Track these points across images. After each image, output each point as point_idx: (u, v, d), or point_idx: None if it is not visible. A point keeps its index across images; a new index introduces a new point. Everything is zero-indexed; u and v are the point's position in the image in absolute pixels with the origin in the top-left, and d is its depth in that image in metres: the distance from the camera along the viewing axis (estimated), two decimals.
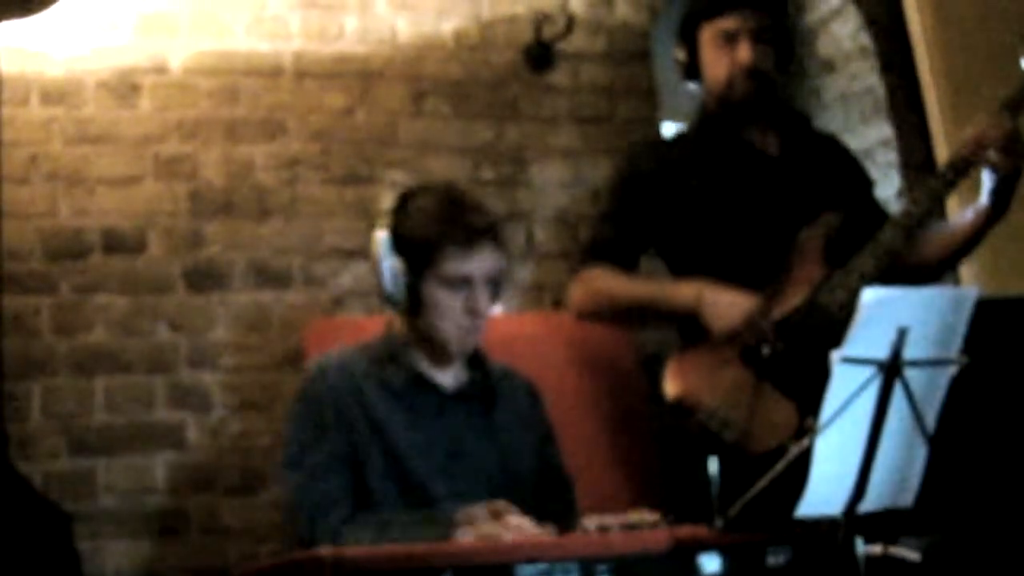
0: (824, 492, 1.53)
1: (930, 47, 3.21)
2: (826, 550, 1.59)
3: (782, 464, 1.55)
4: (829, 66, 3.51)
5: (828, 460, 1.52)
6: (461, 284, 2.00)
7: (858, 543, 1.59)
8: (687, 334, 2.36)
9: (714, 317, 2.28)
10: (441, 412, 2.05)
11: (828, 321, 2.23)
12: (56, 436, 2.65)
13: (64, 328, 2.71)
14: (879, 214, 2.53)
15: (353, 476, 1.96)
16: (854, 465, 1.54)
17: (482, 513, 1.81)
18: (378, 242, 2.02)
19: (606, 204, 2.59)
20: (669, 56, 2.64)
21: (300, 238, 2.91)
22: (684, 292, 2.35)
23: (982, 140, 2.23)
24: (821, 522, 1.56)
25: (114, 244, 2.78)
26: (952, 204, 2.91)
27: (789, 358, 2.23)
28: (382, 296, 2.04)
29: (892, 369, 1.52)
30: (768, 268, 2.33)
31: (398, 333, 2.09)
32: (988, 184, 2.30)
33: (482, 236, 2.01)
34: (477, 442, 2.06)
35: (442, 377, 2.08)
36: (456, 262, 1.99)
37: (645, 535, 1.69)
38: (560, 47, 3.18)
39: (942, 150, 3.15)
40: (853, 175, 2.58)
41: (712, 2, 2.45)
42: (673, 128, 2.79)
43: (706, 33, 2.46)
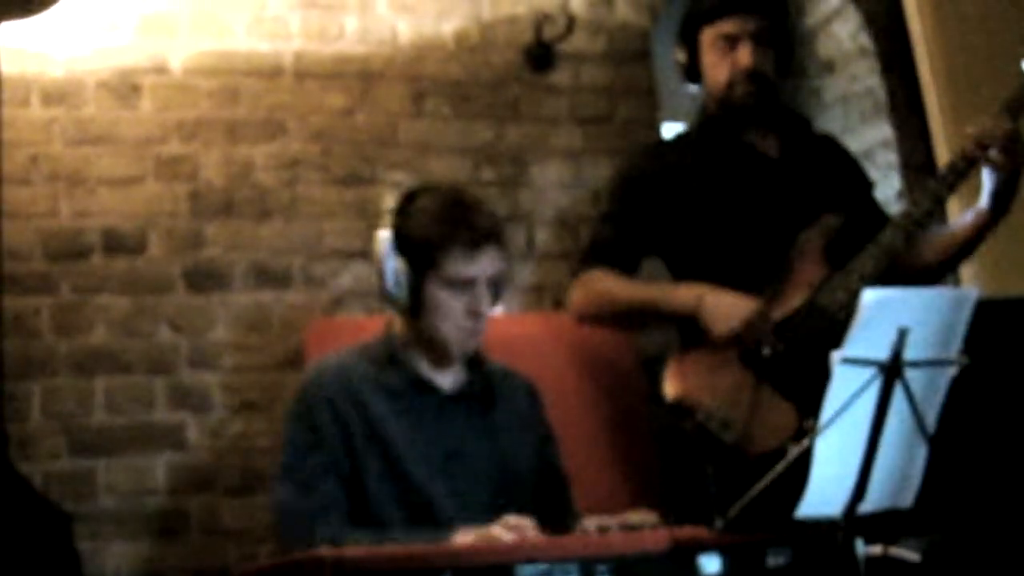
0: (824, 493, 1.53)
1: (930, 47, 3.21)
2: (826, 551, 1.59)
3: (782, 465, 1.55)
4: (829, 67, 3.51)
5: (828, 461, 1.52)
6: (464, 286, 1.99)
7: (858, 544, 1.59)
8: (687, 335, 2.36)
9: (714, 320, 2.27)
10: (440, 414, 2.04)
11: (828, 322, 2.23)
12: (56, 436, 2.65)
13: (64, 328, 2.71)
14: (879, 215, 2.53)
15: (350, 482, 1.95)
16: (854, 466, 1.54)
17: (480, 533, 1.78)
18: (381, 242, 2.02)
19: (606, 206, 2.59)
20: (669, 57, 2.64)
21: (300, 238, 2.90)
22: (684, 295, 2.35)
23: (983, 141, 2.24)
24: (821, 523, 1.56)
25: (115, 244, 2.78)
26: (953, 206, 2.91)
27: (789, 359, 2.23)
28: (384, 296, 2.03)
29: (892, 370, 1.52)
30: (768, 270, 2.33)
31: (398, 334, 2.09)
32: (988, 186, 2.30)
33: (487, 239, 2.00)
34: (476, 443, 2.05)
35: (441, 379, 2.08)
36: (460, 264, 1.98)
37: (645, 536, 1.69)
38: (560, 48, 3.18)
39: (942, 151, 3.15)
40: (853, 176, 2.59)
41: (713, 5, 2.45)
42: (673, 129, 2.78)
43: (707, 36, 2.46)
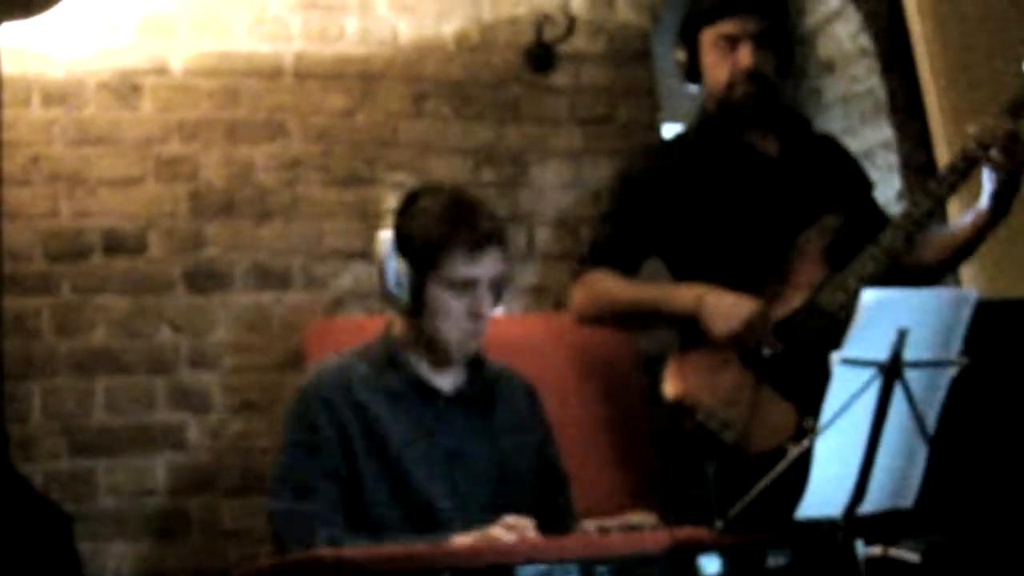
0: (824, 493, 1.53)
1: (930, 48, 3.21)
2: (826, 552, 1.59)
3: (782, 465, 1.55)
4: (829, 67, 3.51)
5: (828, 461, 1.52)
6: (465, 287, 1.99)
7: (858, 545, 1.58)
8: (687, 335, 2.36)
9: (714, 321, 2.28)
10: (440, 415, 2.04)
11: (828, 323, 2.23)
12: (57, 437, 2.65)
13: (65, 329, 2.71)
14: (879, 216, 2.53)
15: (348, 484, 1.94)
16: (854, 466, 1.54)
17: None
18: (382, 242, 2.01)
19: (607, 206, 2.59)
20: (669, 57, 2.64)
21: (301, 239, 2.90)
22: (685, 296, 2.35)
23: (983, 141, 2.24)
24: (821, 523, 1.56)
25: (115, 245, 2.78)
26: (953, 206, 2.91)
27: (789, 360, 2.23)
28: (385, 296, 2.03)
29: (892, 370, 1.52)
30: (768, 270, 2.33)
31: (398, 335, 2.09)
32: (989, 187, 2.30)
33: (489, 240, 1.99)
34: (476, 444, 2.05)
35: (441, 380, 2.07)
36: (462, 265, 1.98)
37: (645, 536, 1.69)
38: (561, 48, 3.18)
39: (942, 151, 3.14)
40: (853, 177, 2.59)
41: (713, 6, 2.45)
42: (674, 129, 2.78)
43: (707, 36, 2.46)
